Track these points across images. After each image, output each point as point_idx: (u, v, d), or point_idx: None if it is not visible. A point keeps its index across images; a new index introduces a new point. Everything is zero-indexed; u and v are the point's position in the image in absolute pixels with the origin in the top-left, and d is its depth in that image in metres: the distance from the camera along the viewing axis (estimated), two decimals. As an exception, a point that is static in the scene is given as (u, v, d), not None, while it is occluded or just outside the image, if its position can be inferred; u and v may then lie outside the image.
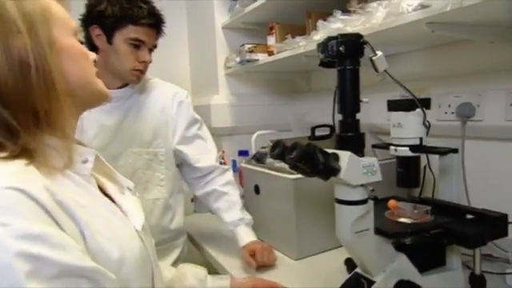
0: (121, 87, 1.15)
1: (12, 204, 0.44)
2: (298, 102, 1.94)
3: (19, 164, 0.50)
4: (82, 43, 0.63)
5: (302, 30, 1.37)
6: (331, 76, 0.89)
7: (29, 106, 0.52)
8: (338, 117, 0.85)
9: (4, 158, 0.50)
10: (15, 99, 0.51)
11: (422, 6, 0.82)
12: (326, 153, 0.76)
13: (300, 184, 1.13)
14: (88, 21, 1.06)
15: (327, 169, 0.74)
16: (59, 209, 0.49)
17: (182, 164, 1.25)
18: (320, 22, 1.15)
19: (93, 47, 1.09)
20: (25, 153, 0.51)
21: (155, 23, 1.08)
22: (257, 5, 1.51)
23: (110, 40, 1.06)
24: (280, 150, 0.77)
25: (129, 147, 1.15)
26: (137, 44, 1.07)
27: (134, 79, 1.12)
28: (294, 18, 1.48)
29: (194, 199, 1.70)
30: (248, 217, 1.20)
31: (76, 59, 0.58)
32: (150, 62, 1.12)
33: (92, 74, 0.62)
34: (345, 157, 0.77)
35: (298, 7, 1.41)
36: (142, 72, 1.12)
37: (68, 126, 0.55)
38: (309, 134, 1.16)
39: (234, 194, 1.22)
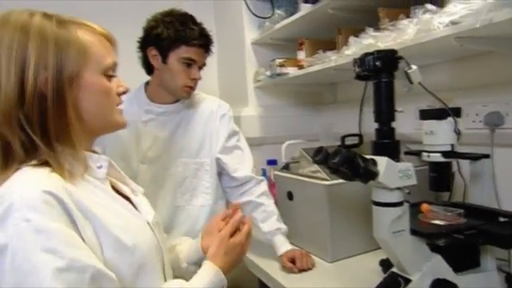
0: (173, 102, 1.25)
1: (41, 204, 0.53)
2: (324, 112, 2.01)
3: (45, 170, 0.59)
4: (110, 77, 0.69)
5: (330, 45, 1.45)
6: (357, 88, 0.96)
7: (44, 127, 0.60)
8: (373, 125, 0.92)
9: (33, 165, 0.59)
10: (35, 119, 0.59)
11: (453, 23, 0.88)
12: (365, 158, 0.83)
13: (333, 190, 1.19)
14: (145, 43, 1.18)
15: (367, 173, 0.81)
16: (76, 209, 0.57)
17: (221, 173, 1.33)
18: (352, 38, 1.23)
19: (149, 66, 1.20)
20: (48, 161, 0.60)
21: (205, 43, 1.19)
22: (287, 22, 1.60)
23: (164, 60, 1.17)
24: (323, 155, 0.84)
25: (178, 157, 1.24)
26: (189, 63, 1.18)
27: (185, 95, 1.22)
28: (322, 34, 1.57)
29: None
30: (284, 226, 1.26)
31: (95, 96, 0.65)
32: (200, 78, 1.23)
33: (111, 108, 0.69)
34: (382, 162, 0.83)
35: (326, 24, 1.50)
36: (193, 88, 1.22)
37: (78, 143, 0.63)
38: (336, 143, 1.22)
39: (269, 204, 1.29)
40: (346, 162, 0.78)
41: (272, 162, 1.85)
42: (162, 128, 1.23)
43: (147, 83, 1.27)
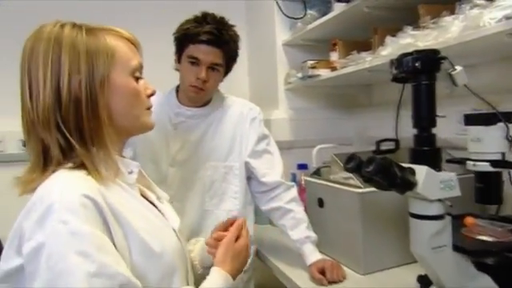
0: (202, 105, 1.24)
1: (78, 207, 0.55)
2: (358, 115, 1.93)
3: (81, 173, 0.61)
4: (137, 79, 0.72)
5: (364, 46, 1.39)
6: (393, 90, 0.89)
7: (80, 129, 0.63)
8: (410, 130, 0.85)
9: (70, 168, 0.62)
10: (71, 123, 0.63)
11: (507, 18, 0.80)
12: (402, 167, 0.77)
13: (366, 198, 1.12)
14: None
15: (404, 183, 0.75)
16: (110, 212, 0.59)
17: (249, 177, 1.30)
18: (388, 38, 1.16)
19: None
20: (83, 164, 0.63)
21: (210, 41, 1.12)
22: (319, 22, 1.55)
23: (179, 60, 1.18)
24: (356, 163, 0.79)
25: (207, 161, 1.23)
26: (193, 61, 1.15)
27: (192, 95, 1.19)
28: (356, 34, 1.50)
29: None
30: (314, 235, 1.21)
31: (125, 97, 0.68)
32: (210, 80, 1.17)
33: (141, 109, 0.71)
34: (421, 171, 0.77)
35: (361, 23, 1.43)
36: (200, 89, 1.17)
37: (111, 145, 0.66)
38: (370, 148, 1.16)
39: (299, 211, 1.24)
40: (381, 171, 0.73)
41: (302, 167, 1.80)
42: (192, 131, 1.22)
43: (179, 86, 1.27)
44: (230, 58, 1.20)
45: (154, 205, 0.75)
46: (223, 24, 1.16)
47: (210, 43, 1.13)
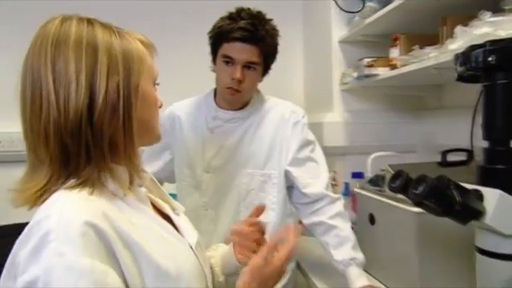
0: (240, 108, 1.17)
1: (77, 237, 0.49)
2: (425, 120, 1.70)
3: (84, 193, 0.55)
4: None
5: (432, 40, 1.19)
6: (469, 91, 0.73)
7: (109, 139, 0.57)
8: (482, 143, 0.68)
9: (72, 187, 0.55)
10: (103, 130, 0.56)
11: None
12: (465, 189, 0.61)
13: (425, 219, 0.95)
14: None
15: (466, 210, 0.59)
16: (117, 237, 0.53)
17: (291, 187, 1.20)
18: (459, 28, 0.97)
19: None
20: (91, 179, 0.56)
21: (244, 37, 1.04)
22: (380, 14, 1.38)
23: (215, 61, 1.11)
24: (402, 182, 0.64)
25: (244, 168, 1.15)
26: (228, 61, 1.07)
27: (228, 97, 1.12)
28: (423, 27, 1.30)
29: (301, 221, 1.63)
30: (361, 256, 1.07)
31: (149, 106, 0.64)
32: (245, 80, 1.08)
33: (156, 120, 0.67)
34: (492, 196, 0.60)
35: (428, 14, 1.24)
36: (236, 90, 1.09)
37: (137, 157, 0.62)
38: (438, 158, 0.99)
39: (344, 227, 1.10)
40: (434, 195, 0.58)
41: (357, 175, 1.63)
42: (229, 135, 1.15)
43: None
44: (267, 55, 1.11)
45: (168, 217, 0.69)
46: (259, 19, 1.07)
47: (244, 40, 1.05)
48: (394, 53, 1.34)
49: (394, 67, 1.33)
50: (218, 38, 1.08)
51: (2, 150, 1.73)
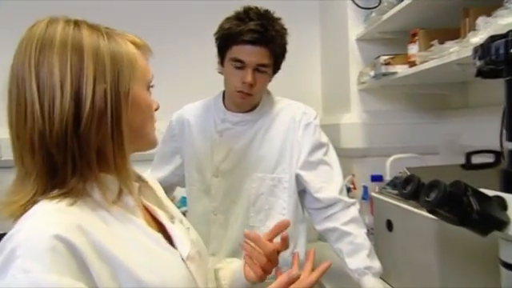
0: (250, 110, 1.14)
1: (45, 252, 0.47)
2: (448, 120, 1.61)
3: (63, 204, 0.52)
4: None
5: (454, 34, 1.11)
6: (498, 87, 0.66)
7: (97, 149, 0.55)
8: (508, 145, 0.62)
9: (53, 197, 0.53)
10: (87, 140, 0.54)
11: None
12: (485, 196, 0.55)
13: (447, 226, 0.86)
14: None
15: (485, 220, 0.53)
16: (92, 251, 0.50)
17: (303, 191, 1.15)
18: (481, 19, 0.90)
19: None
20: (75, 190, 0.54)
21: (255, 40, 1.00)
22: (397, 9, 1.31)
23: (222, 63, 1.08)
24: (413, 188, 0.59)
25: (254, 171, 1.12)
26: (238, 64, 1.04)
27: (238, 101, 1.09)
28: (444, 21, 1.22)
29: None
30: (377, 265, 1.01)
31: (142, 111, 0.61)
32: (256, 83, 1.05)
33: (150, 125, 0.64)
34: (516, 204, 0.53)
35: (450, 6, 1.16)
36: (247, 94, 1.06)
37: (128, 165, 0.58)
38: (462, 160, 0.93)
39: (359, 234, 1.04)
40: (448, 203, 0.52)
41: (377, 178, 1.56)
42: (238, 139, 1.12)
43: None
44: (277, 55, 1.07)
45: (163, 226, 0.66)
46: (268, 18, 1.03)
47: (254, 43, 1.01)
48: (413, 49, 1.27)
49: (412, 64, 1.26)
50: (227, 40, 1.04)
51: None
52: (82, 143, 0.53)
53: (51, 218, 0.51)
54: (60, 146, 0.53)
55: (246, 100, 1.09)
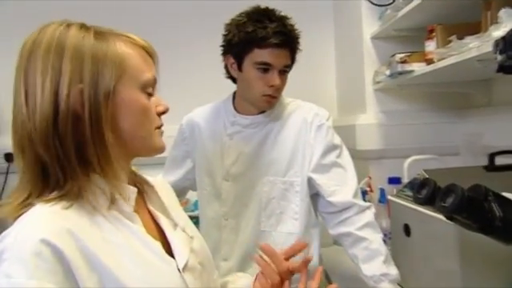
0: (260, 113, 1.11)
1: (29, 257, 0.47)
2: (470, 119, 1.54)
3: (55, 207, 0.52)
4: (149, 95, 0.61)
5: (474, 29, 1.06)
6: None
7: (80, 152, 0.54)
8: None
9: (48, 200, 0.52)
10: (69, 140, 0.53)
11: None
12: (509, 201, 0.51)
13: (469, 232, 0.83)
14: (223, 51, 1.08)
15: (509, 227, 0.48)
16: (81, 257, 0.50)
17: (316, 195, 1.12)
18: (504, 11, 0.84)
19: (232, 76, 1.10)
20: (71, 192, 0.53)
21: (282, 42, 0.99)
22: (413, 5, 1.26)
23: (240, 67, 1.05)
24: (429, 193, 0.55)
25: (265, 175, 1.10)
26: (265, 68, 1.02)
27: (265, 105, 1.07)
28: (463, 16, 1.17)
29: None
30: (394, 271, 0.97)
31: (132, 113, 0.58)
32: (282, 85, 1.05)
33: (148, 129, 0.61)
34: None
35: (469, 0, 1.11)
36: (274, 97, 1.05)
37: (115, 169, 0.56)
38: (484, 161, 0.88)
39: (374, 239, 1.01)
40: (466, 209, 0.48)
41: (394, 181, 1.50)
42: (248, 142, 1.10)
43: (235, 93, 1.16)
44: (295, 55, 1.07)
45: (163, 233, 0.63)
46: (286, 19, 1.03)
47: (281, 45, 1.00)
48: (430, 46, 1.22)
49: (430, 62, 1.21)
50: (249, 43, 1.01)
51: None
52: (62, 144, 0.53)
53: (41, 222, 0.50)
54: (45, 147, 0.53)
55: (272, 103, 1.08)
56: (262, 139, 1.10)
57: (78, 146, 0.54)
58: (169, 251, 0.61)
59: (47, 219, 0.51)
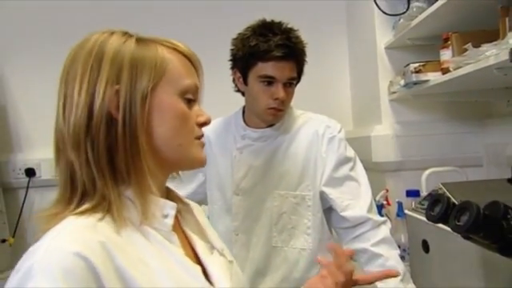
0: (268, 126, 1.10)
1: (60, 273, 0.43)
2: (492, 129, 1.48)
3: (89, 219, 0.49)
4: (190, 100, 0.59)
5: (491, 36, 1.02)
6: None
7: (109, 156, 0.51)
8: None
9: (81, 212, 0.50)
10: (100, 145, 0.51)
11: None
12: (530, 219, 0.47)
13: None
14: (231, 66, 1.08)
15: (531, 248, 0.45)
16: (115, 277, 0.46)
17: (329, 209, 1.09)
18: (520, 18, 0.81)
19: (240, 90, 1.10)
20: (102, 204, 0.50)
21: (286, 55, 0.98)
22: (427, 14, 1.24)
23: (245, 81, 1.05)
24: (442, 210, 0.52)
25: (275, 189, 1.08)
26: (269, 81, 1.01)
27: (270, 118, 1.06)
28: (479, 23, 1.13)
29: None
30: None
31: (169, 119, 0.55)
32: (287, 98, 1.03)
33: (187, 138, 0.57)
34: None
35: (486, 5, 1.07)
36: (279, 110, 1.04)
37: (147, 180, 0.53)
38: (508, 173, 0.84)
39: (390, 256, 0.97)
40: (483, 228, 0.45)
41: (413, 194, 1.45)
42: (258, 155, 1.09)
43: (245, 106, 1.16)
44: (301, 67, 1.05)
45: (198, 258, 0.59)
46: (291, 31, 1.02)
47: (284, 58, 0.99)
48: (446, 55, 1.18)
49: (446, 71, 1.17)
50: (253, 57, 1.01)
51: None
52: (94, 148, 0.51)
53: (75, 234, 0.47)
54: (76, 151, 0.51)
55: (278, 116, 1.06)
56: (272, 153, 1.09)
57: (110, 152, 0.51)
58: (204, 275, 0.56)
59: (79, 232, 0.48)
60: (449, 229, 0.89)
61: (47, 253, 0.45)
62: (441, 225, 0.92)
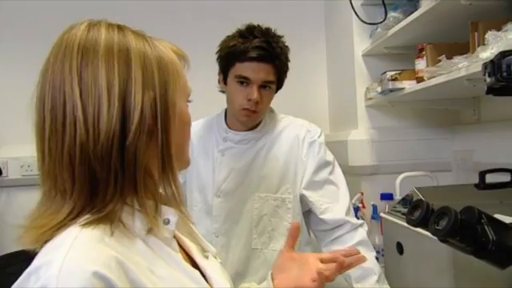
0: (252, 128, 1.11)
1: None
2: (460, 136, 1.55)
3: (98, 232, 0.46)
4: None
5: (463, 48, 1.08)
6: None
7: (146, 164, 0.49)
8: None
9: (86, 223, 0.46)
10: (134, 157, 0.47)
11: None
12: (502, 224, 0.50)
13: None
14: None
15: (504, 251, 0.48)
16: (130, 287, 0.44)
17: (308, 212, 1.11)
18: (491, 34, 0.86)
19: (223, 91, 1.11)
20: (111, 215, 0.47)
21: (261, 57, 1.00)
22: (402, 25, 1.29)
23: (225, 81, 1.06)
24: (422, 215, 0.55)
25: (256, 191, 1.09)
26: (242, 81, 1.02)
27: (244, 119, 1.07)
28: (452, 35, 1.19)
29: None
30: None
31: (183, 125, 0.55)
32: (262, 100, 1.04)
33: (188, 142, 0.58)
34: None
35: (457, 21, 1.13)
36: (253, 111, 1.04)
37: (158, 189, 0.52)
38: (475, 178, 0.88)
39: (368, 258, 0.99)
40: (460, 232, 0.48)
41: (387, 197, 1.50)
42: (240, 158, 1.10)
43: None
44: (281, 72, 1.06)
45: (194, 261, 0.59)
46: (272, 35, 1.03)
47: (260, 59, 1.00)
48: (420, 64, 1.24)
49: (420, 80, 1.23)
50: (231, 57, 1.03)
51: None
52: (127, 160, 0.47)
53: (88, 249, 0.44)
54: (104, 162, 0.46)
55: (252, 118, 1.07)
56: (253, 155, 1.10)
57: (142, 161, 0.48)
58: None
59: (94, 247, 0.44)
60: (422, 232, 0.93)
61: (62, 271, 0.41)
62: (414, 228, 0.97)
